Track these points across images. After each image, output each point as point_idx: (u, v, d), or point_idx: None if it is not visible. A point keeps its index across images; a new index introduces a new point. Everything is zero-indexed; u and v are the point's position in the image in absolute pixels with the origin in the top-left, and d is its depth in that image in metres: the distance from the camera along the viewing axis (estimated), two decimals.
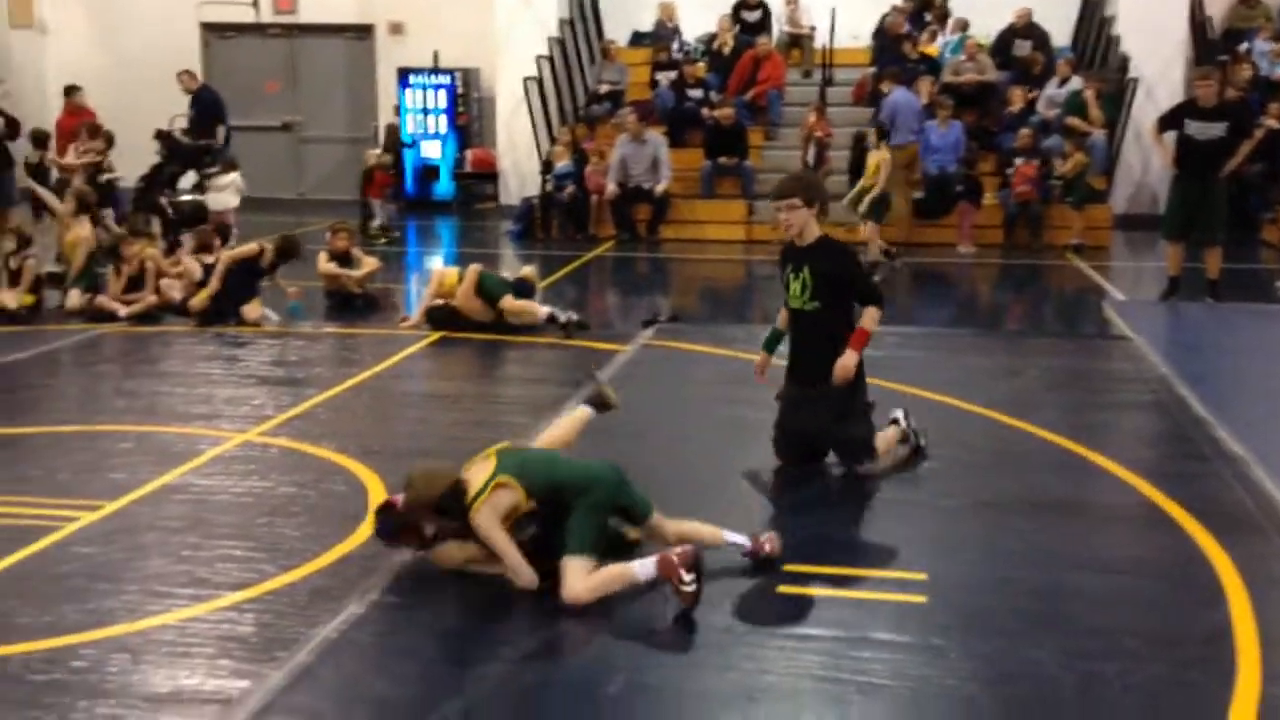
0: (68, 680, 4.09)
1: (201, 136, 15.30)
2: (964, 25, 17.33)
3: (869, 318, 6.15)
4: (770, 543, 5.03)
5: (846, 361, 6.06)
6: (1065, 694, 4.02)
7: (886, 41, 17.10)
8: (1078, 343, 9.79)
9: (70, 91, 15.98)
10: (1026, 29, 16.79)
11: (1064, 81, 15.82)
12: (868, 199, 12.81)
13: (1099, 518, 5.79)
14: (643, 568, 4.68)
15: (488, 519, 4.73)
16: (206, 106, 15.67)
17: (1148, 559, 5.30)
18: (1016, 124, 15.46)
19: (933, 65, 16.56)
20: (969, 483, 6.17)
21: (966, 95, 16.08)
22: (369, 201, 16.05)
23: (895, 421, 6.50)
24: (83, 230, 10.98)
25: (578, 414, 5.74)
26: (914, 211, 14.89)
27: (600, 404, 5.74)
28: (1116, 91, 15.62)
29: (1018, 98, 15.88)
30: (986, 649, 4.32)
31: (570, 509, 4.80)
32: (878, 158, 13.00)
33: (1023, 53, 16.64)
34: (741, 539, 5.05)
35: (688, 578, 4.55)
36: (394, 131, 18.12)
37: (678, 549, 4.65)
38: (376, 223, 15.77)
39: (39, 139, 14.79)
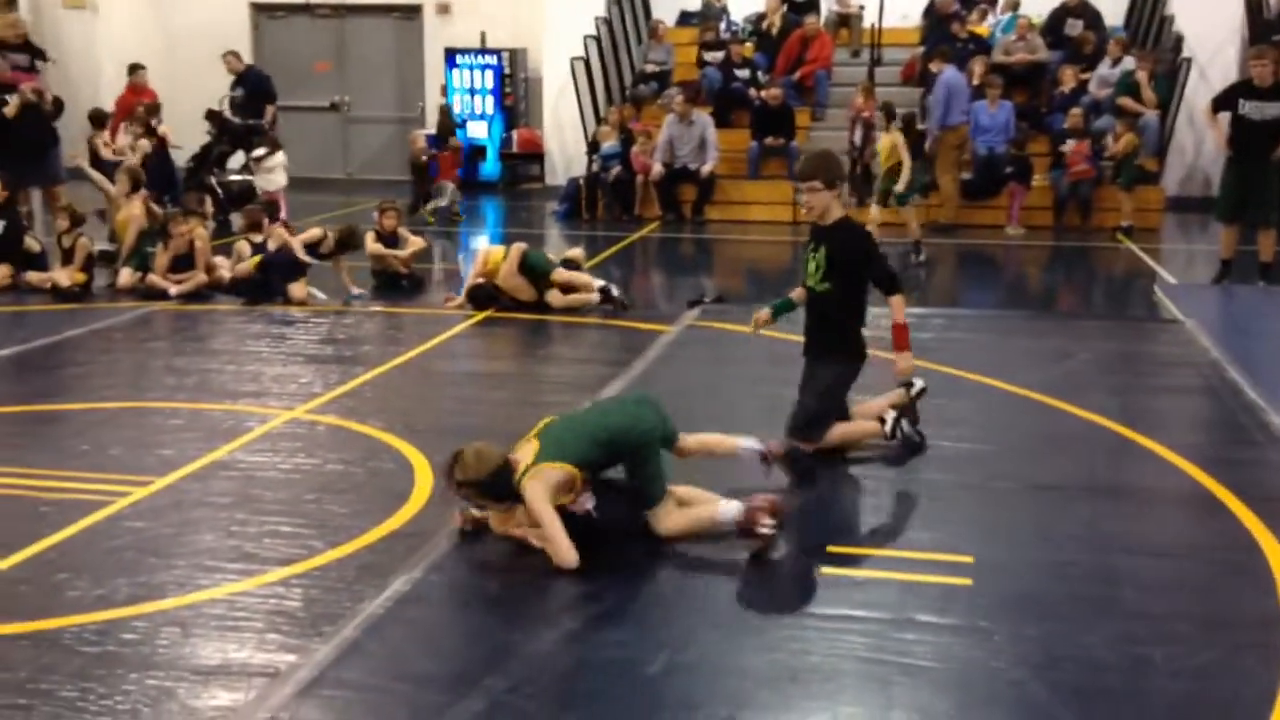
0: (118, 652, 4.14)
1: (249, 118, 15.39)
2: (1015, 4, 17.14)
3: (897, 309, 6.04)
4: (776, 444, 5.35)
5: (903, 365, 6.09)
6: (1114, 679, 3.98)
7: (936, 21, 16.95)
8: (1128, 326, 9.69)
9: (133, 70, 16.12)
10: (1079, 8, 16.61)
11: (1116, 61, 15.62)
12: (901, 181, 12.51)
13: (1149, 502, 5.74)
14: (725, 510, 4.94)
15: (535, 493, 4.81)
16: (255, 87, 15.75)
17: (1198, 544, 5.24)
18: (1067, 104, 15.28)
19: (982, 45, 16.40)
20: (1017, 466, 6.12)
21: (1017, 75, 15.92)
22: (440, 184, 16.07)
23: (881, 420, 6.32)
24: (134, 209, 11.09)
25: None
26: (962, 192, 14.80)
27: None
28: (1170, 72, 15.40)
29: (1069, 78, 15.69)
30: (1034, 632, 4.29)
31: (630, 455, 5.01)
32: (889, 140, 12.67)
33: (1075, 32, 16.45)
34: (755, 444, 5.29)
35: (769, 522, 4.84)
36: (446, 113, 18.19)
37: (759, 498, 4.93)
38: (443, 203, 15.76)
39: (97, 120, 14.91)
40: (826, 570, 4.81)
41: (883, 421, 6.29)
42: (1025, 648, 4.18)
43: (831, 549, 5.00)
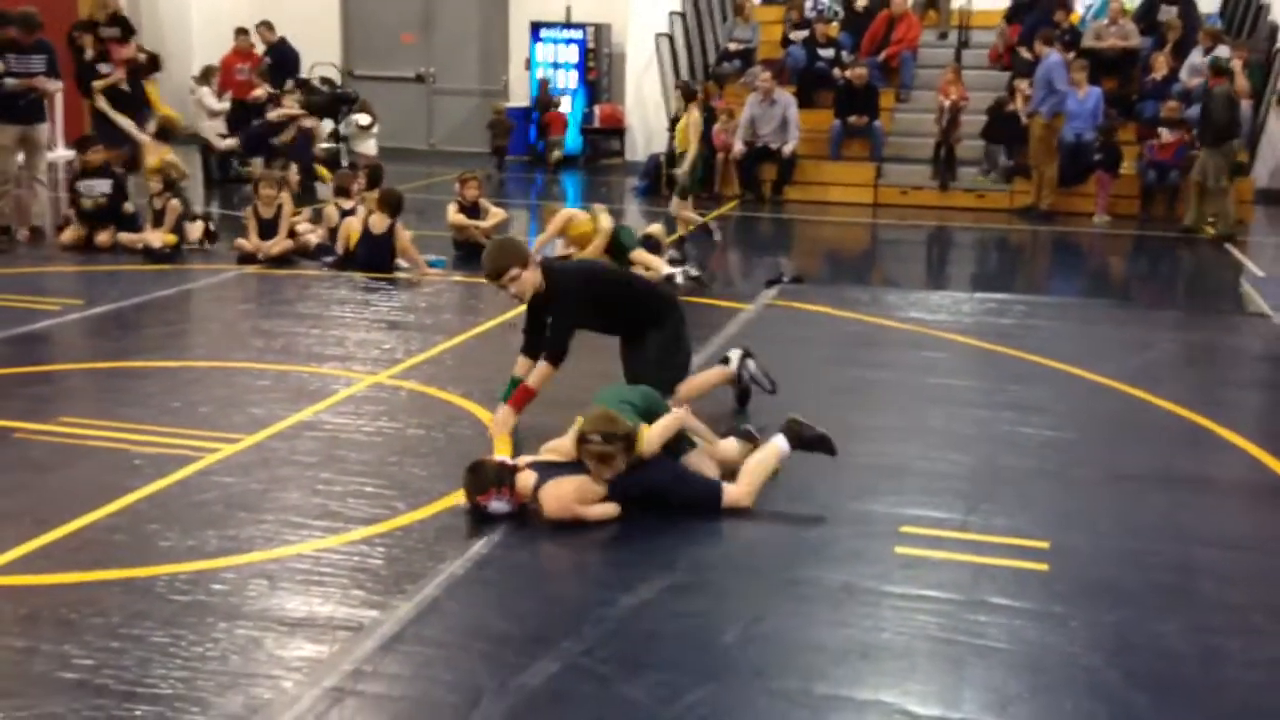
0: (208, 601, 4.27)
1: (276, 88, 15.59)
2: None
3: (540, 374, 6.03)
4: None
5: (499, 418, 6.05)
6: (1189, 668, 3.98)
7: (1032, 3, 16.68)
8: (1213, 318, 9.56)
9: (238, 34, 16.42)
10: None
11: (1208, 51, 15.32)
12: (686, 163, 12.05)
13: (1229, 493, 5.69)
14: (780, 443, 5.33)
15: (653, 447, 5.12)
16: (282, 60, 15.96)
17: (1276, 536, 5.19)
18: (1158, 92, 15.04)
19: (1072, 32, 16.16)
20: (1097, 454, 6.08)
21: (1107, 61, 15.68)
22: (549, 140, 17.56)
23: (725, 360, 6.53)
24: (164, 154, 11.34)
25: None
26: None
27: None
28: (1264, 62, 15.10)
29: (1161, 65, 15.43)
30: (1109, 619, 4.28)
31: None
32: (687, 120, 12.08)
33: (1168, 18, 16.17)
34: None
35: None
36: (545, 86, 18.33)
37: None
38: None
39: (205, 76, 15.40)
40: (901, 550, 4.82)
41: (726, 361, 6.49)
42: (1100, 634, 4.18)
43: (906, 529, 5.02)
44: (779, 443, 5.32)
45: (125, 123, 12.58)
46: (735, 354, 6.53)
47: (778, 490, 5.25)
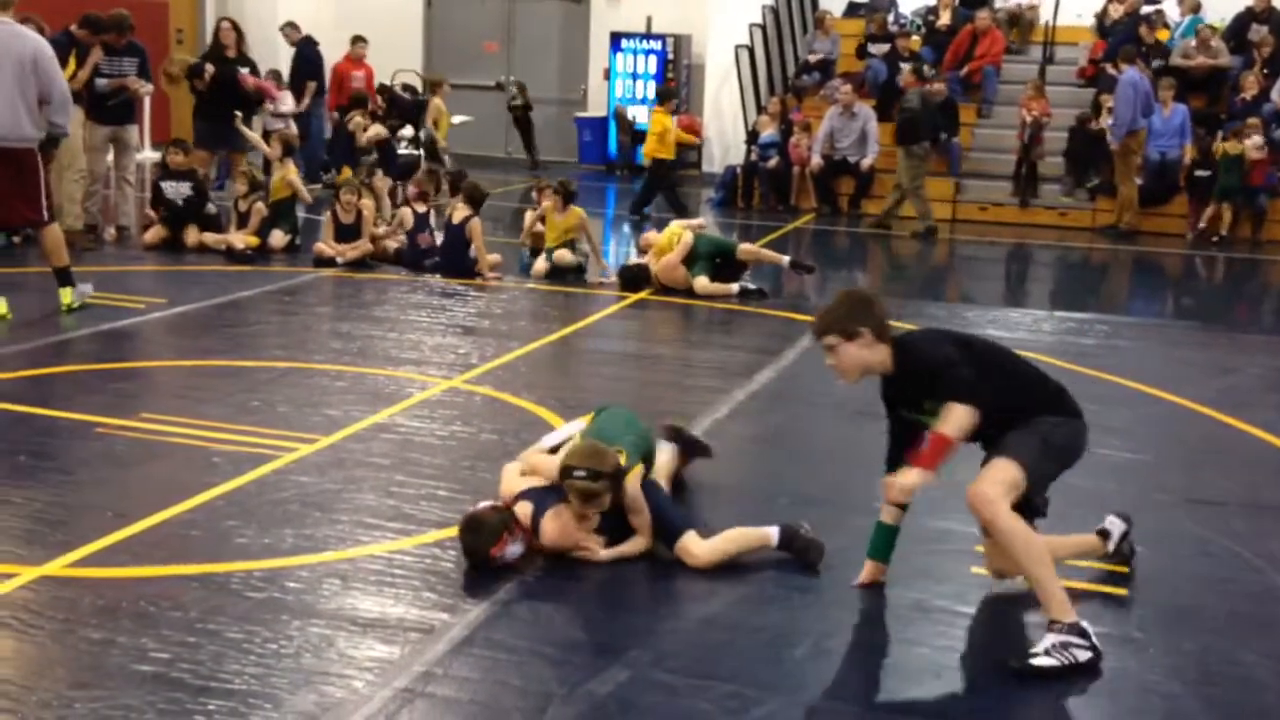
0: (282, 599, 4.31)
1: (296, 91, 15.66)
2: (1195, 6, 16.61)
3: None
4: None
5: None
6: (1269, 698, 3.89)
7: (1121, 21, 16.46)
8: None
9: (354, 41, 16.55)
10: (1265, 13, 16.00)
11: None
12: None
13: None
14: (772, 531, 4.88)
15: (636, 488, 4.76)
16: (304, 62, 16.03)
17: None
18: (1248, 112, 14.76)
19: (1160, 50, 15.92)
20: (1178, 478, 5.97)
21: (1194, 80, 15.42)
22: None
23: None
24: (288, 173, 11.50)
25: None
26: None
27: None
28: None
29: (1251, 84, 15.14)
30: (1188, 646, 4.20)
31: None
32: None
33: (1259, 36, 15.88)
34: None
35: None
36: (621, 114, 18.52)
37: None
38: None
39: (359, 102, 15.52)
40: (977, 570, 4.76)
41: None
42: (1179, 661, 4.10)
43: (982, 548, 4.93)
44: (771, 532, 4.79)
45: (254, 138, 12.84)
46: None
47: (853, 505, 5.18)
